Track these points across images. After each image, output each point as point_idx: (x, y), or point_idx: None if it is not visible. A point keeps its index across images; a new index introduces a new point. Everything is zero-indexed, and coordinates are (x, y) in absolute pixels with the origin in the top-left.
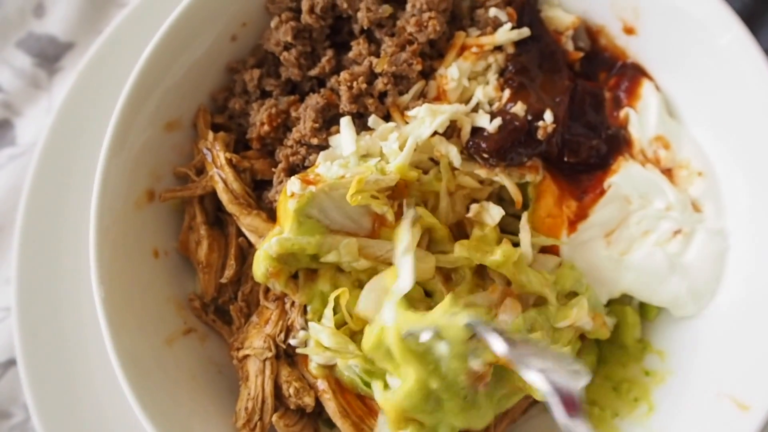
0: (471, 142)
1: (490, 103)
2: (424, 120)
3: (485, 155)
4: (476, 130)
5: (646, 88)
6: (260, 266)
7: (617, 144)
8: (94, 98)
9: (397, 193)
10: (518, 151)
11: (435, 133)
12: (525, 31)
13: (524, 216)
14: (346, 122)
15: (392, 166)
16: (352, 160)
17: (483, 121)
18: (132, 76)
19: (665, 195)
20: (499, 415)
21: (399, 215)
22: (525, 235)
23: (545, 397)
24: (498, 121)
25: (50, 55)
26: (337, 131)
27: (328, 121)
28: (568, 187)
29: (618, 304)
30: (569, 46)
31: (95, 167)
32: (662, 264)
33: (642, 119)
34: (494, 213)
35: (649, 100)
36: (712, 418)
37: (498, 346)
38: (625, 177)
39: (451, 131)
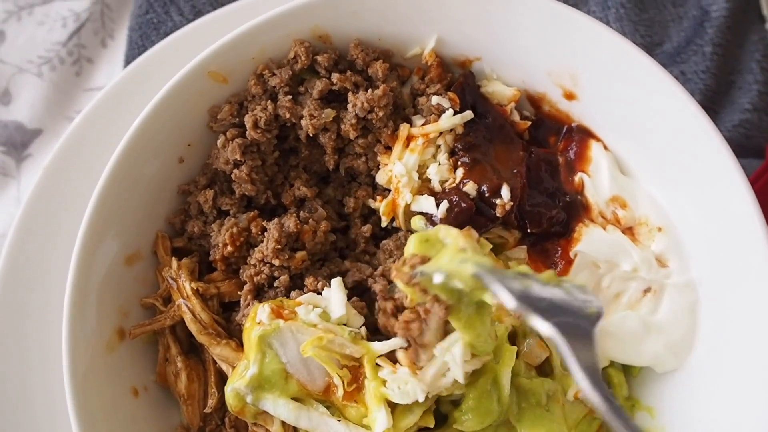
0: None
1: (442, 183)
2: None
3: None
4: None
5: (594, 149)
6: (230, 402)
7: (576, 210)
8: (61, 193)
9: (358, 373)
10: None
11: None
12: (468, 115)
13: None
14: (337, 284)
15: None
16: (333, 318)
17: (428, 205)
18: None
19: (630, 255)
20: None
21: (352, 394)
22: None
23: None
24: (445, 204)
25: (18, 143)
26: (302, 258)
27: (291, 247)
28: (537, 258)
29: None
30: (515, 117)
31: (62, 264)
32: (637, 327)
33: (595, 182)
34: None
35: (600, 161)
36: None
37: (507, 299)
38: (588, 243)
39: None
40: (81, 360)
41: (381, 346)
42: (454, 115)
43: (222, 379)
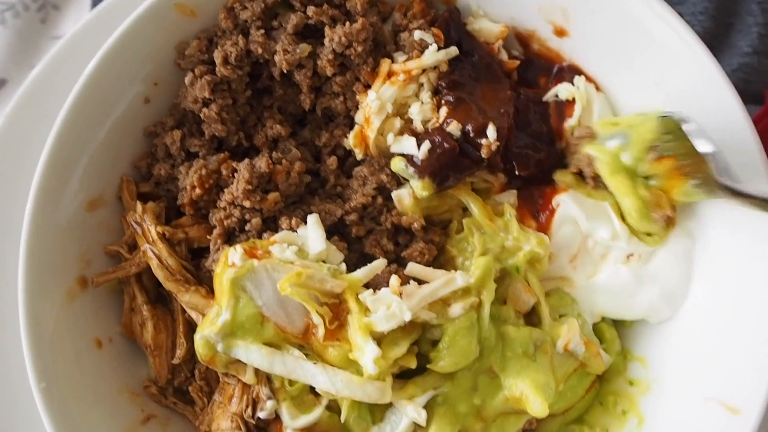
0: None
1: (425, 123)
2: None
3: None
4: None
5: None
6: (200, 351)
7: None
8: (24, 142)
9: (339, 310)
10: (451, 173)
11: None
12: (453, 50)
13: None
14: (314, 219)
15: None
16: (312, 256)
17: (409, 146)
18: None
19: (611, 223)
20: None
21: (334, 333)
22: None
23: None
24: (426, 145)
25: None
26: (275, 200)
27: (263, 189)
28: (522, 204)
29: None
30: (503, 56)
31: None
32: (629, 280)
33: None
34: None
35: (591, 103)
36: (703, 424)
37: (701, 142)
38: (573, 196)
39: None
40: (39, 309)
41: (363, 273)
42: (438, 51)
43: (191, 329)
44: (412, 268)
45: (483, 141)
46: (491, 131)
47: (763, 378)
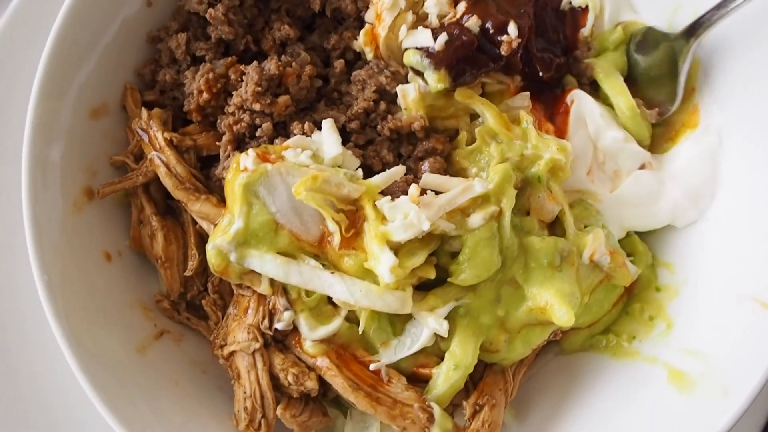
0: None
1: (441, 18)
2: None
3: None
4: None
5: None
6: (212, 261)
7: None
8: (21, 50)
9: (355, 217)
10: (467, 68)
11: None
12: None
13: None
14: (329, 124)
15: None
16: (327, 161)
17: (423, 38)
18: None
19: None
20: (515, 365)
21: (350, 241)
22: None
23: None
24: (444, 37)
25: None
26: (285, 103)
27: (273, 93)
28: (537, 107)
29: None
30: None
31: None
32: (651, 183)
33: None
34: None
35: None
36: (737, 323)
37: None
38: (582, 93)
39: None
40: (45, 221)
41: (382, 179)
42: None
43: (202, 240)
44: (427, 178)
45: (503, 38)
46: (512, 28)
47: None
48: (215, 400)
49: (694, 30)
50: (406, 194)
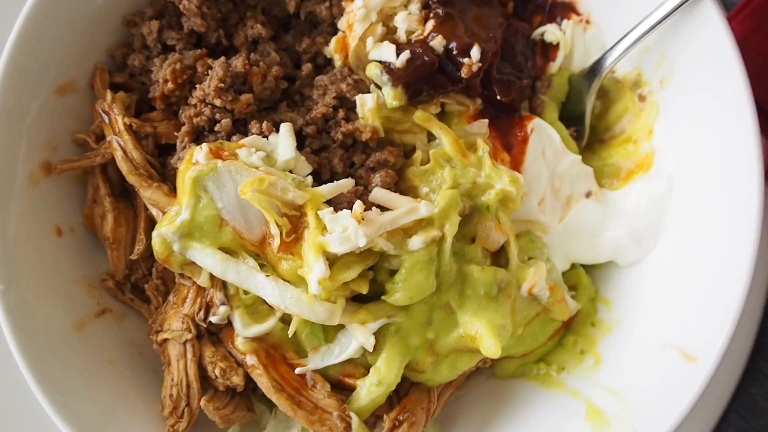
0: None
1: (409, 35)
2: None
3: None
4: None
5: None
6: (156, 249)
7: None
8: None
9: (298, 223)
10: (425, 87)
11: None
12: None
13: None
14: (286, 128)
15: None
16: (279, 163)
17: (387, 53)
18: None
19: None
20: (441, 386)
21: (289, 246)
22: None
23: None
24: (405, 54)
25: None
26: (247, 101)
27: (237, 90)
28: (495, 134)
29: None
30: None
31: None
32: (596, 215)
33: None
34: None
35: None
36: (659, 369)
37: None
38: (542, 122)
39: None
40: (1, 189)
41: (328, 189)
42: None
43: (152, 226)
44: (377, 193)
45: (465, 60)
46: (475, 51)
47: (721, 329)
48: (148, 383)
49: (596, 71)
50: (352, 207)
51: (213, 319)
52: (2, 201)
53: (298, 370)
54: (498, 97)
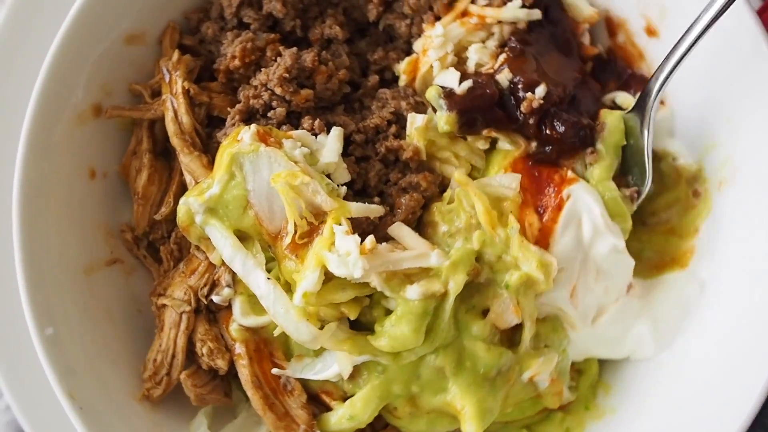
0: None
1: (478, 67)
2: None
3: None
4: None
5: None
6: (180, 216)
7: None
8: None
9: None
10: (480, 119)
11: None
12: (536, 13)
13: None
14: (336, 132)
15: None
16: (320, 165)
17: (450, 79)
18: None
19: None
20: None
21: (298, 247)
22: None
23: None
24: (467, 83)
25: None
26: (307, 96)
27: (300, 83)
28: (529, 188)
29: None
30: (585, 39)
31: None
32: (633, 313)
33: None
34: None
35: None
36: None
37: None
38: (583, 189)
39: None
40: (47, 117)
41: (356, 208)
42: (521, 8)
43: (183, 192)
44: (395, 228)
45: (528, 95)
46: (541, 90)
47: None
48: (138, 342)
49: (643, 102)
50: (371, 233)
51: (215, 298)
52: (47, 131)
53: (274, 371)
54: (546, 131)
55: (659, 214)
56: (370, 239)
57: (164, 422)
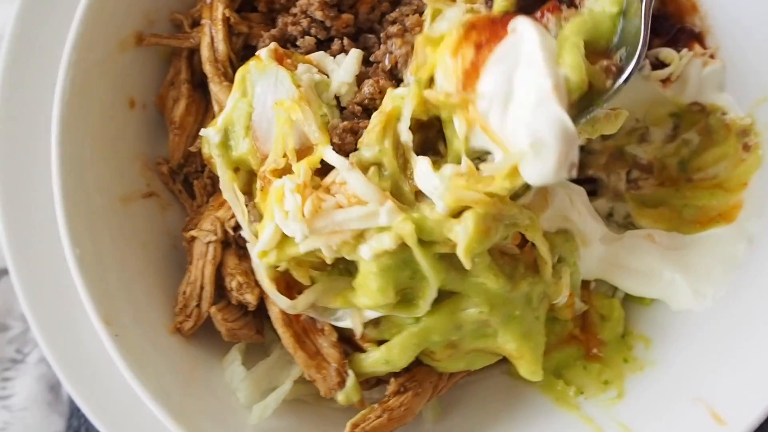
0: None
1: None
2: None
3: None
4: None
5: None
6: (203, 147)
7: None
8: None
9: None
10: None
11: None
12: None
13: None
14: (355, 54)
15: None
16: (333, 86)
17: None
18: None
19: None
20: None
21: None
22: None
23: None
24: None
25: None
26: (347, 21)
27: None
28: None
29: (602, 295)
30: None
31: None
32: (654, 257)
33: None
34: None
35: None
36: (683, 422)
37: None
38: (530, 24)
39: None
40: (88, 44)
41: (331, 156)
42: None
43: None
44: (347, 175)
45: None
46: None
47: (761, 401)
48: (173, 278)
49: None
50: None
51: (243, 233)
52: (87, 55)
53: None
54: None
55: (706, 170)
56: (310, 202)
57: (198, 356)
